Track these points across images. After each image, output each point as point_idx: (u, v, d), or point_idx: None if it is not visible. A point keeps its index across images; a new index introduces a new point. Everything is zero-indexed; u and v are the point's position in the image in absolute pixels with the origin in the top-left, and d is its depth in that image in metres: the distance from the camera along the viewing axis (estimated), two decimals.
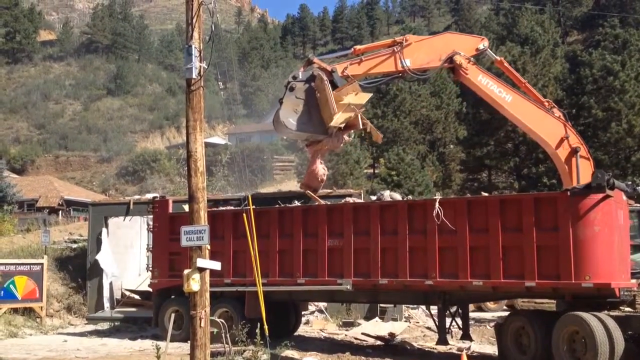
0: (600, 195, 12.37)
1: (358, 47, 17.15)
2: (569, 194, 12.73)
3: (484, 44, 16.91)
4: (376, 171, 47.79)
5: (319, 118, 15.99)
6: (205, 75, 9.96)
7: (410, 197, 22.78)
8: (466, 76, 16.33)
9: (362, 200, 17.70)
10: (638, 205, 16.84)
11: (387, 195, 16.36)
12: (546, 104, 16.51)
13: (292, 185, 51.35)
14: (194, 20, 9.70)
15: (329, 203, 16.42)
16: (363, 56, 16.51)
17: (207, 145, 12.35)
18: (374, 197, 16.86)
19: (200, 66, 9.76)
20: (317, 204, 16.39)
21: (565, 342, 12.26)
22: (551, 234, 12.60)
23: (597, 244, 12.32)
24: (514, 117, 16.37)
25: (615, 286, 12.38)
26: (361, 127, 16.75)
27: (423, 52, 16.40)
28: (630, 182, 16.37)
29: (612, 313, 12.54)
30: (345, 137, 16.93)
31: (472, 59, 16.58)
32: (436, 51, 16.49)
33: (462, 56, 16.28)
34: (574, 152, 15.81)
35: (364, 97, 16.69)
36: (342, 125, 16.23)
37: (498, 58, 17.50)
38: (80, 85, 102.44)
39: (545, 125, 15.99)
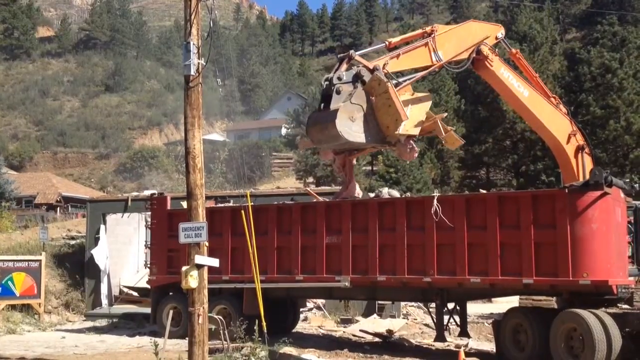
0: (598, 193, 12.36)
1: (391, 40, 15.62)
2: (566, 191, 12.73)
3: (502, 32, 16.49)
4: (374, 168, 47.81)
5: (375, 125, 14.24)
6: (204, 72, 9.94)
7: (408, 194, 22.79)
8: (490, 68, 15.77)
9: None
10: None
11: (386, 192, 16.31)
12: (553, 99, 16.45)
13: (290, 182, 51.36)
14: (192, 17, 9.69)
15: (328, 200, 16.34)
16: (400, 50, 15.19)
17: (205, 142, 12.27)
18: (372, 194, 16.84)
19: (198, 63, 9.75)
20: (315, 200, 16.37)
21: (562, 339, 12.28)
22: (549, 231, 12.60)
23: (595, 241, 12.32)
24: (528, 112, 16.10)
25: (612, 283, 12.39)
26: (443, 133, 15.54)
27: (451, 43, 15.59)
28: (628, 180, 16.41)
29: (609, 310, 12.55)
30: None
31: (495, 49, 16.11)
32: (463, 41, 15.73)
33: (487, 46, 15.79)
34: (580, 148, 15.83)
35: (426, 98, 15.60)
36: (416, 133, 14.94)
37: (513, 50, 17.05)
38: (78, 81, 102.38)
39: (557, 121, 15.97)
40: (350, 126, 13.75)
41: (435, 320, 14.87)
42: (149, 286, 17.99)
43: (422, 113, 15.18)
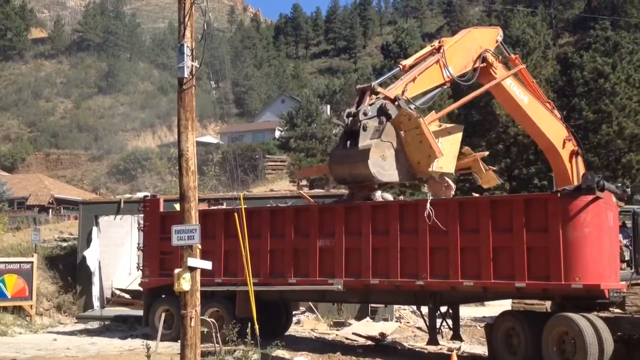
0: (590, 197, 12.40)
1: (405, 62, 14.92)
2: (559, 195, 12.77)
3: (500, 34, 16.34)
4: None
5: (405, 161, 13.95)
6: (197, 74, 9.94)
7: (401, 197, 22.80)
8: (494, 75, 15.59)
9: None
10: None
11: (379, 195, 16.29)
12: (548, 105, 16.48)
13: (284, 184, 51.34)
14: (186, 19, 9.68)
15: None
16: (415, 71, 14.59)
17: (198, 144, 12.28)
18: None
19: (192, 65, 9.74)
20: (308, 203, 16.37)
21: (554, 342, 12.32)
22: (541, 235, 12.63)
23: (587, 245, 12.36)
24: (527, 119, 16.05)
25: (604, 287, 12.42)
26: (483, 171, 15.33)
27: (459, 55, 15.25)
28: (620, 184, 16.45)
29: (601, 314, 12.60)
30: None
31: (499, 56, 15.95)
32: (469, 52, 15.44)
33: (491, 53, 15.59)
34: (574, 153, 15.89)
35: (456, 130, 15.19)
36: (452, 170, 14.69)
37: (512, 55, 16.81)
38: (71, 83, 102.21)
39: (553, 126, 16.01)
40: (383, 165, 13.62)
41: (427, 323, 14.88)
42: (141, 288, 17.94)
43: (455, 147, 15.00)
